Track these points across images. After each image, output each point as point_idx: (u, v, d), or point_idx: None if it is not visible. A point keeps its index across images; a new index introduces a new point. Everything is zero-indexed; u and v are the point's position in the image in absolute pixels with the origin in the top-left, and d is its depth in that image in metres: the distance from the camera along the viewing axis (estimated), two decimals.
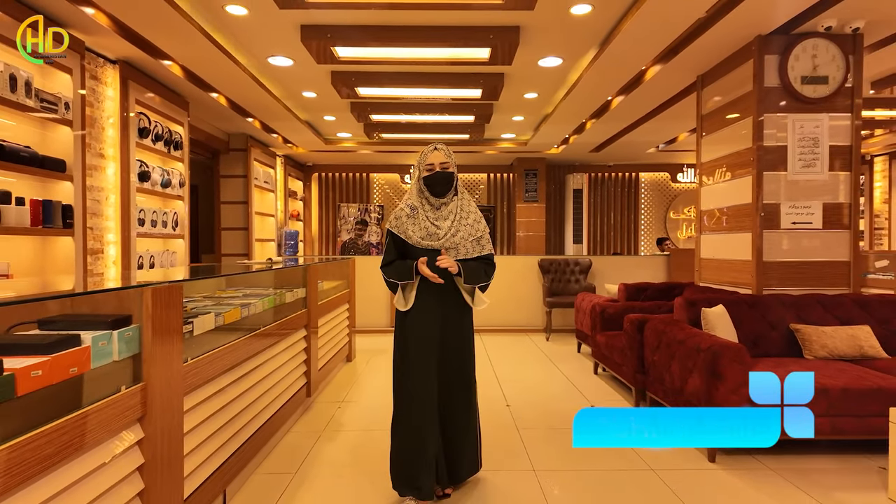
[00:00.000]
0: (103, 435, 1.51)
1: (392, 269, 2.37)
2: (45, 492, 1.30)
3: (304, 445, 3.04)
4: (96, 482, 1.48)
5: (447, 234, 2.32)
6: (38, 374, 1.28)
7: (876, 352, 3.31)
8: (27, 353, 1.31)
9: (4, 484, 1.17)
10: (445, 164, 2.34)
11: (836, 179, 3.86)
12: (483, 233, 2.40)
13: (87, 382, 1.49)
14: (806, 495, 2.44)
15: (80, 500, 1.41)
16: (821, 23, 3.66)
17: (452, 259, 2.29)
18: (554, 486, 2.53)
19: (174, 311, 1.84)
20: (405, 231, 2.34)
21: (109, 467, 1.54)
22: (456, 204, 2.39)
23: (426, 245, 2.32)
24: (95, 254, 4.07)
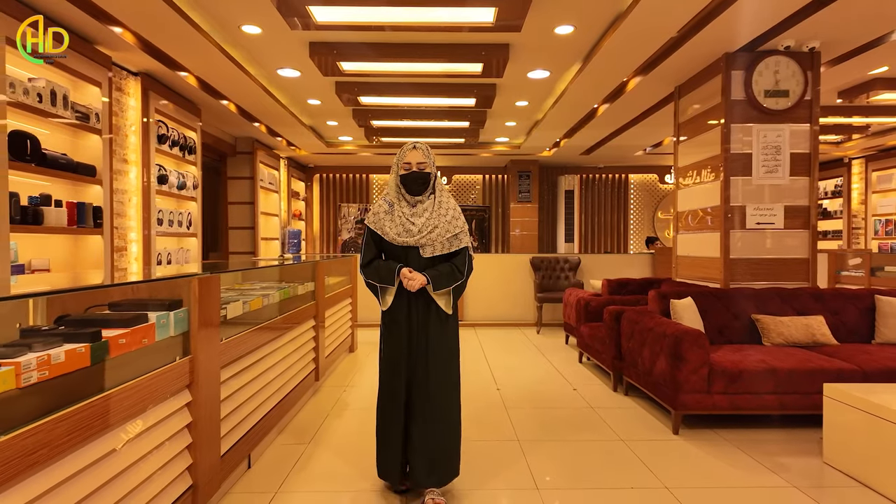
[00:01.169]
0: (165, 394, 1.88)
1: (372, 270, 2.37)
2: (136, 429, 1.67)
3: (314, 421, 3.41)
4: (162, 431, 1.85)
5: (423, 230, 2.31)
6: (122, 342, 1.64)
7: (827, 339, 3.70)
8: (113, 326, 1.68)
9: (110, 421, 1.54)
10: (422, 164, 2.34)
11: (797, 184, 4.25)
12: (461, 229, 2.38)
13: (153, 352, 1.86)
14: (753, 460, 2.82)
15: (153, 442, 1.78)
16: (781, 42, 4.04)
17: (420, 274, 2.28)
18: (534, 453, 2.91)
19: (214, 297, 2.21)
20: (382, 227, 2.35)
21: (168, 421, 1.91)
22: (433, 202, 2.38)
23: (402, 242, 2.32)
24: (120, 251, 4.42)
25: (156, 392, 1.81)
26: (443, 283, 2.32)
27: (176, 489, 1.96)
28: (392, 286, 2.33)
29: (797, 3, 3.49)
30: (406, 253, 2.35)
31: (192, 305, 2.06)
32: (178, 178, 5.19)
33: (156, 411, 1.83)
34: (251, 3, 3.59)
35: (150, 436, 1.79)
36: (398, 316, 2.37)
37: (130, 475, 1.67)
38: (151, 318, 1.84)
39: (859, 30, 3.91)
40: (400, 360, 2.35)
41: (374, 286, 2.39)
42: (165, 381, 1.88)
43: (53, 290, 1.79)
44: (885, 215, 8.54)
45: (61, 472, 1.37)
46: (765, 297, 3.96)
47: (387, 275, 2.33)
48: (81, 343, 1.47)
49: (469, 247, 2.42)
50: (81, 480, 1.45)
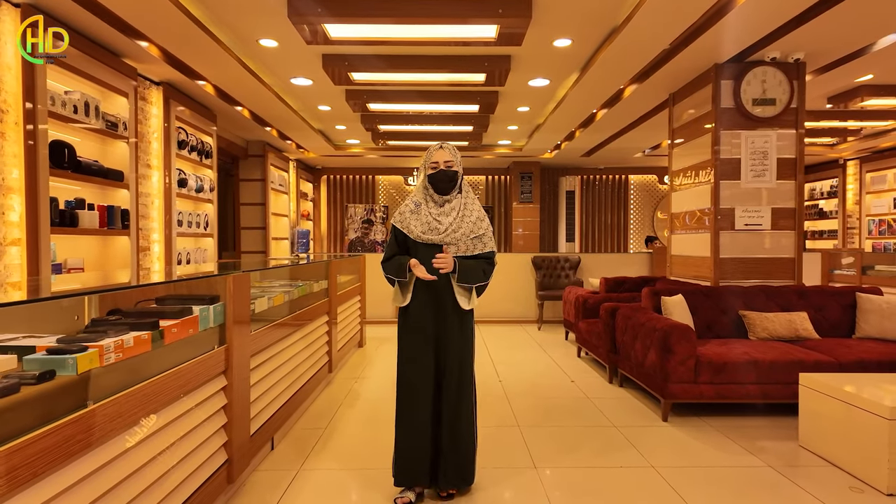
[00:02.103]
0: (206, 378, 2.14)
1: (390, 265, 2.42)
2: (184, 407, 1.93)
3: (329, 409, 3.68)
4: (204, 410, 2.11)
5: (448, 229, 2.34)
6: (174, 331, 1.91)
7: (809, 333, 3.94)
8: (165, 318, 1.94)
9: (166, 399, 1.80)
10: (449, 163, 2.39)
11: (783, 187, 4.48)
12: (485, 231, 2.41)
13: (196, 341, 2.12)
14: (734, 444, 3.07)
15: (197, 419, 2.04)
16: (767, 54, 4.28)
17: (451, 255, 2.33)
18: (533, 437, 3.16)
19: (246, 292, 2.47)
20: (407, 226, 2.38)
21: (208, 402, 2.17)
22: (459, 202, 2.42)
23: (427, 239, 2.35)
24: (144, 251, 4.70)
25: (199, 375, 2.07)
26: (469, 277, 2.35)
27: (215, 462, 2.22)
28: (405, 278, 2.36)
29: (780, 19, 3.72)
30: (430, 252, 2.35)
31: (227, 300, 2.32)
32: (197, 182, 5.46)
33: (199, 392, 2.09)
34: (270, 20, 3.85)
35: (195, 413, 2.05)
36: (416, 314, 2.38)
37: (182, 445, 1.93)
38: (195, 311, 2.10)
39: (841, 42, 4.14)
40: (425, 359, 2.35)
41: (392, 280, 2.43)
42: (206, 367, 2.14)
43: (115, 286, 2.05)
44: (878, 215, 8.74)
45: (134, 437, 1.63)
46: (752, 295, 4.20)
47: (399, 269, 2.36)
48: (144, 331, 1.73)
49: (494, 252, 2.46)
50: (147, 446, 1.71)
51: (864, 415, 2.59)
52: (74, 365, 1.42)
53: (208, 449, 2.16)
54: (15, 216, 3.30)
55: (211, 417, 2.20)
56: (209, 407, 2.17)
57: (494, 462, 2.80)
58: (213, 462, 2.21)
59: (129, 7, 3.52)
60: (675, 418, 3.49)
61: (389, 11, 3.54)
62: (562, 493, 2.45)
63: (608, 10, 3.70)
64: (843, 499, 2.42)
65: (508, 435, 3.19)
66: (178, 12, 3.57)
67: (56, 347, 1.49)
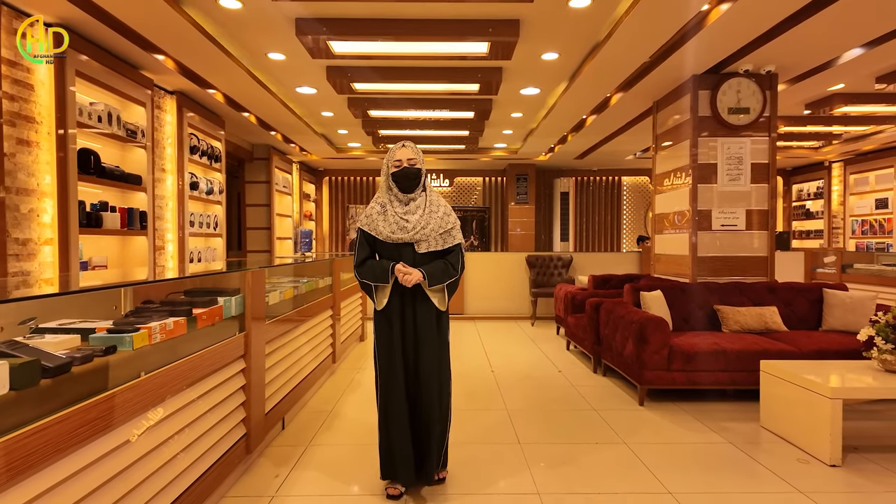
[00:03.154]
0: (228, 360, 2.45)
1: (366, 269, 2.40)
2: (211, 383, 2.25)
3: (334, 395, 4.00)
4: (227, 387, 2.43)
5: (416, 226, 2.35)
6: (204, 318, 2.22)
7: (777, 326, 4.25)
8: (196, 307, 2.26)
9: (198, 375, 2.12)
10: (413, 161, 2.38)
11: (757, 190, 4.80)
12: (453, 224, 2.43)
13: (220, 328, 2.44)
14: (702, 424, 3.38)
15: (221, 395, 2.36)
16: (741, 66, 4.59)
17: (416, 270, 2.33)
18: (519, 419, 3.48)
19: (261, 286, 2.79)
20: (376, 228, 2.38)
21: (230, 382, 2.48)
22: (424, 199, 2.42)
23: (396, 239, 2.35)
24: (159, 250, 5.01)
25: (223, 357, 2.39)
26: (438, 279, 2.36)
27: (236, 434, 2.54)
28: (387, 284, 2.36)
29: (748, 37, 4.04)
30: (399, 251, 2.38)
31: (246, 293, 2.64)
32: (207, 185, 5.78)
33: (223, 372, 2.40)
34: (279, 37, 4.16)
35: (220, 390, 2.37)
36: (392, 315, 2.40)
37: (210, 417, 2.25)
38: (220, 302, 2.42)
39: (808, 56, 4.45)
40: (396, 359, 2.38)
41: (368, 285, 2.40)
42: (229, 350, 2.46)
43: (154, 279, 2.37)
44: (861, 216, 9.06)
45: (175, 405, 1.95)
46: (726, 290, 4.51)
47: (381, 273, 2.35)
48: (181, 317, 2.05)
49: (461, 244, 2.47)
50: (184, 413, 2.02)
51: (812, 395, 2.90)
52: (131, 342, 1.73)
53: (231, 422, 2.48)
54: (48, 218, 3.62)
55: (233, 395, 2.51)
56: (231, 385, 2.49)
57: (483, 439, 3.12)
58: (234, 434, 2.53)
59: (149, 25, 3.83)
60: (651, 403, 3.80)
61: (388, 31, 3.86)
62: (542, 464, 2.77)
63: (590, 28, 4.01)
64: (791, 469, 2.73)
65: (497, 418, 3.51)
66: (194, 30, 3.89)
67: (114, 328, 1.81)
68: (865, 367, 3.16)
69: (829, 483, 2.58)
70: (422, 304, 2.40)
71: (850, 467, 2.74)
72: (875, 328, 3.09)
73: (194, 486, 2.08)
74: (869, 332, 3.12)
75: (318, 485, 2.55)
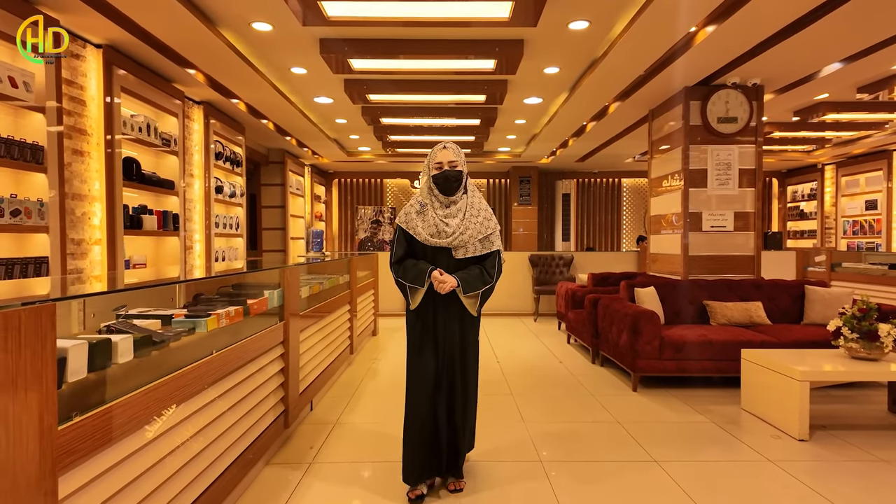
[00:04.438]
0: (272, 344, 2.83)
1: (404, 269, 2.37)
2: (253, 369, 2.62)
3: (353, 382, 4.38)
4: (268, 369, 2.80)
5: (455, 232, 2.31)
6: (254, 307, 2.60)
7: (762, 320, 4.61)
8: (249, 298, 2.63)
9: (249, 356, 2.49)
10: (454, 163, 2.33)
11: (744, 194, 5.16)
12: (493, 230, 2.38)
13: (264, 317, 2.81)
14: (688, 407, 3.75)
15: (265, 376, 2.73)
16: (729, 79, 4.95)
17: (451, 277, 2.31)
18: (523, 402, 3.85)
19: (297, 281, 3.17)
20: (414, 228, 2.35)
21: (272, 364, 2.86)
22: (465, 202, 2.37)
23: (434, 243, 2.32)
24: (188, 249, 5.40)
25: (268, 342, 2.77)
26: (473, 287, 2.33)
27: (277, 410, 2.92)
28: (422, 287, 2.33)
29: (733, 54, 4.40)
30: (436, 254, 2.35)
31: (285, 287, 3.02)
32: (230, 188, 6.16)
33: (268, 355, 2.78)
34: (303, 54, 4.54)
35: (266, 370, 2.74)
36: (425, 315, 2.40)
37: (258, 393, 2.63)
38: (265, 294, 2.80)
39: (790, 70, 4.81)
40: (432, 361, 2.38)
41: (403, 285, 2.39)
42: (272, 336, 2.83)
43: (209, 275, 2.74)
44: (852, 217, 9.40)
45: (234, 380, 2.32)
46: (715, 287, 4.87)
47: (418, 276, 2.32)
48: (238, 306, 2.43)
49: (500, 250, 2.42)
50: (241, 388, 2.40)
51: (784, 378, 3.27)
52: (205, 324, 2.11)
53: (273, 399, 2.86)
54: (97, 220, 4.01)
55: (275, 375, 2.89)
56: (274, 367, 2.87)
57: (491, 420, 3.49)
58: (276, 410, 2.91)
59: (186, 44, 4.21)
60: (643, 389, 4.17)
61: (405, 50, 4.24)
62: (544, 439, 3.14)
63: (588, 47, 4.38)
64: (764, 443, 3.10)
65: (503, 401, 3.88)
66: (226, 48, 4.27)
67: (189, 314, 2.18)
68: (834, 355, 3.52)
69: (795, 454, 2.94)
70: (454, 308, 2.38)
71: (816, 442, 3.11)
72: (842, 319, 3.45)
73: (249, 448, 2.46)
74: (837, 323, 3.48)
75: (347, 454, 2.93)
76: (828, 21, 3.77)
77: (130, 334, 1.66)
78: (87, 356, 1.46)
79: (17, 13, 3.15)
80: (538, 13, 3.57)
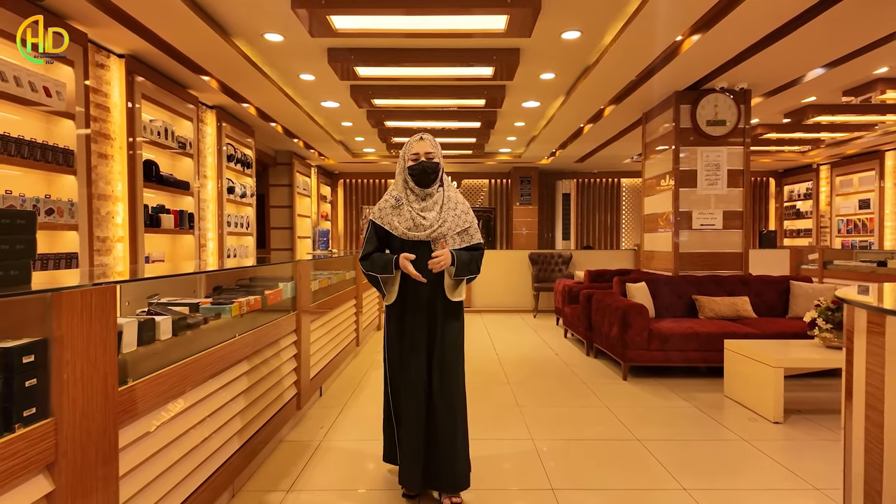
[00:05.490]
0: (286, 332, 3.09)
1: (371, 262, 2.29)
2: (270, 353, 2.88)
3: (358, 373, 4.63)
4: (283, 354, 3.06)
5: (433, 224, 2.23)
6: (271, 298, 2.86)
7: (748, 313, 4.84)
8: (266, 289, 2.89)
9: (270, 338, 2.75)
10: (430, 154, 2.24)
11: (732, 193, 5.39)
12: (471, 223, 2.32)
13: (279, 307, 3.07)
14: (674, 394, 3.99)
15: (280, 360, 2.99)
16: (717, 84, 5.18)
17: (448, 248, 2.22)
18: (519, 390, 4.10)
19: (307, 275, 3.43)
20: (390, 223, 2.26)
21: (287, 349, 3.12)
22: (442, 195, 2.30)
23: (412, 237, 2.23)
24: (202, 247, 5.67)
25: (283, 329, 3.03)
26: (464, 271, 2.26)
27: (290, 392, 3.18)
28: (391, 275, 2.25)
29: (720, 60, 4.63)
30: (414, 249, 2.25)
31: (297, 280, 3.28)
32: (241, 189, 6.44)
33: (283, 341, 3.04)
34: (312, 62, 4.80)
35: (281, 354, 3.00)
36: (404, 311, 2.30)
37: (275, 374, 2.89)
38: (280, 286, 3.06)
39: (776, 75, 5.03)
40: (415, 358, 2.26)
41: (374, 278, 2.31)
42: (286, 324, 3.09)
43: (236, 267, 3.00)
44: (846, 215, 9.59)
45: (255, 360, 2.58)
46: (704, 282, 5.11)
47: (385, 265, 2.25)
48: (257, 295, 2.69)
49: (482, 242, 2.38)
50: (261, 367, 2.66)
51: (762, 366, 3.50)
52: (230, 310, 2.37)
53: (287, 381, 3.12)
54: (119, 219, 4.28)
55: (288, 360, 3.15)
56: (288, 352, 3.13)
57: (488, 404, 3.74)
58: (290, 392, 3.17)
59: (202, 53, 4.47)
60: (633, 378, 4.41)
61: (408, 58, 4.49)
62: (537, 423, 3.38)
63: (581, 54, 4.61)
64: (741, 425, 3.33)
65: (500, 389, 4.13)
66: (240, 57, 4.53)
67: (214, 302, 2.44)
68: (810, 345, 3.75)
69: (769, 434, 3.18)
70: (436, 299, 2.28)
71: (790, 424, 3.34)
72: (817, 311, 3.68)
73: (269, 423, 2.72)
74: (812, 315, 3.71)
75: (354, 433, 3.19)
76: (807, 29, 3.99)
77: (170, 316, 1.92)
78: (136, 332, 1.72)
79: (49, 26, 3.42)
80: (532, 25, 3.82)
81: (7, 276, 1.32)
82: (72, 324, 1.33)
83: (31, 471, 1.24)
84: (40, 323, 1.31)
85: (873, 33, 4.17)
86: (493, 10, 3.60)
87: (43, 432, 1.26)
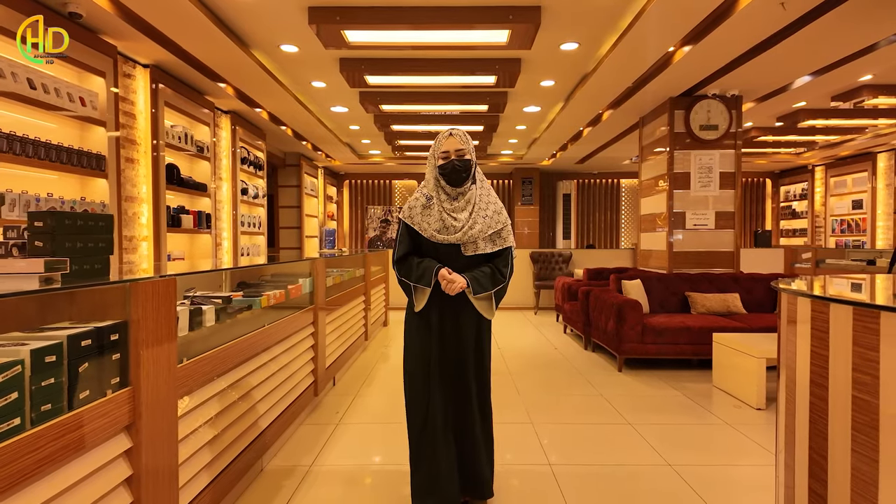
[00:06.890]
0: (302, 324, 3.35)
1: (408, 267, 2.16)
2: (291, 343, 3.15)
3: (369, 364, 4.90)
4: (302, 344, 3.33)
5: (464, 227, 2.10)
6: (293, 292, 3.12)
7: (738, 309, 5.09)
8: (284, 285, 3.16)
9: (291, 329, 3.02)
10: (461, 151, 2.12)
11: (724, 195, 5.64)
12: (504, 225, 2.17)
13: (298, 301, 3.33)
14: (665, 384, 4.24)
15: (300, 350, 3.26)
16: (709, 90, 5.43)
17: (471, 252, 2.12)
18: (520, 379, 4.36)
19: (323, 271, 3.69)
20: (419, 224, 2.14)
21: (304, 341, 3.38)
22: (474, 194, 2.16)
23: (442, 239, 2.11)
24: (218, 246, 5.94)
25: (302, 321, 3.29)
26: (484, 286, 2.11)
27: (308, 380, 3.44)
28: (428, 287, 2.10)
29: (711, 69, 4.88)
30: (444, 251, 2.14)
31: (315, 276, 3.55)
32: (254, 190, 6.71)
33: (302, 332, 3.31)
34: (324, 71, 5.07)
35: (300, 345, 3.27)
36: (430, 319, 2.17)
37: (296, 361, 3.15)
38: (300, 282, 3.32)
39: (765, 82, 5.28)
40: (433, 369, 2.16)
41: (407, 285, 2.17)
42: (305, 317, 3.36)
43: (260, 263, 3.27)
44: (840, 215, 9.83)
45: (281, 348, 2.85)
46: (697, 280, 5.36)
47: (424, 274, 2.10)
48: (281, 290, 2.95)
49: (512, 246, 2.22)
50: (285, 355, 2.93)
51: (747, 357, 3.76)
52: (260, 302, 2.64)
53: (306, 369, 3.38)
54: (144, 220, 4.55)
55: (307, 350, 3.42)
56: (306, 343, 3.39)
57: None
58: (308, 379, 3.43)
59: (221, 62, 4.74)
60: (628, 370, 4.67)
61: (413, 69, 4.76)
62: (536, 409, 3.65)
63: (579, 64, 4.87)
64: (726, 411, 3.59)
65: (502, 379, 4.39)
66: (256, 66, 4.80)
67: (245, 295, 2.71)
68: None
69: (751, 419, 3.43)
70: (464, 311, 2.17)
71: (772, 410, 3.59)
72: None
73: (290, 407, 2.99)
74: None
75: (368, 416, 3.46)
76: (793, 41, 4.23)
77: (213, 305, 2.19)
78: (188, 319, 1.98)
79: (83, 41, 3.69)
80: (532, 38, 4.07)
81: (92, 270, 1.59)
82: (146, 308, 1.60)
83: (116, 429, 1.51)
84: (121, 308, 1.58)
85: (855, 45, 4.41)
86: (496, 25, 3.86)
87: (126, 398, 1.53)
